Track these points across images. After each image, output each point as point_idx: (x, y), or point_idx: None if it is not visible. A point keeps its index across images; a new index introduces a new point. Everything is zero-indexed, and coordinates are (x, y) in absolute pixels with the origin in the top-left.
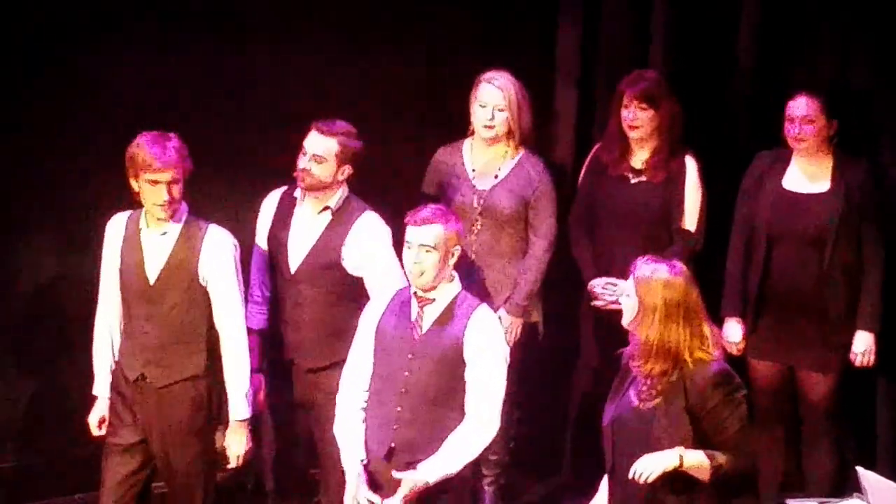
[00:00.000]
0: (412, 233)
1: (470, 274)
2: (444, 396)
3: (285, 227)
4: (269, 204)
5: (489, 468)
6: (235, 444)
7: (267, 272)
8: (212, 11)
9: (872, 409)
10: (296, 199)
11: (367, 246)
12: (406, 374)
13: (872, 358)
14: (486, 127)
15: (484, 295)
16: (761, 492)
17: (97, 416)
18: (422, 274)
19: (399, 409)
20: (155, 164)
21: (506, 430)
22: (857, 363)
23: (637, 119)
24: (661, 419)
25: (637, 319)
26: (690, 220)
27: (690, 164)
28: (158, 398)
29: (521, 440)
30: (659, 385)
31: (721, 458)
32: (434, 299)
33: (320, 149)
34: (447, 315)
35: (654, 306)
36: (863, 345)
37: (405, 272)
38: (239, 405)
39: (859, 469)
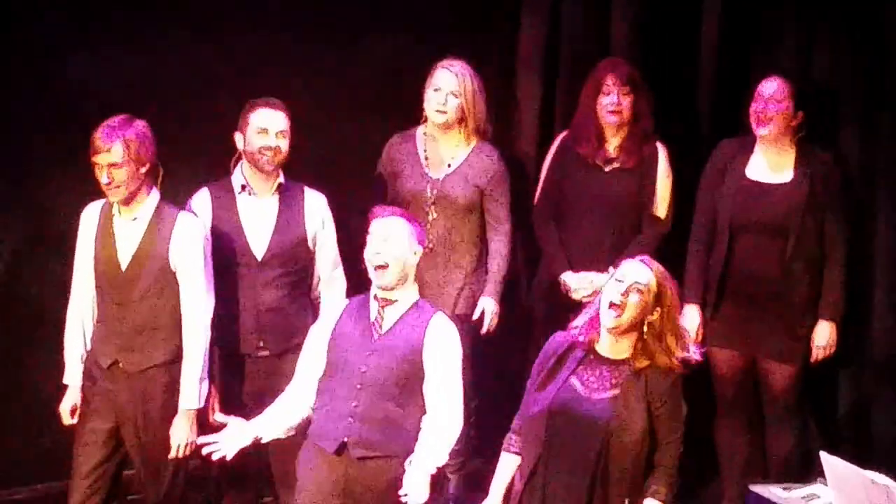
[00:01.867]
0: (376, 225)
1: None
2: (399, 395)
3: (233, 216)
4: (202, 201)
5: (453, 456)
6: (179, 432)
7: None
8: (183, 3)
9: (835, 395)
10: (234, 188)
11: (319, 218)
12: (363, 369)
13: (833, 349)
14: (438, 112)
15: (436, 286)
16: (724, 479)
17: (69, 405)
18: (385, 266)
19: (354, 404)
20: (96, 147)
21: (467, 419)
22: (819, 356)
23: (620, 104)
24: (621, 411)
25: (644, 311)
26: (661, 206)
27: (661, 151)
28: (132, 384)
29: (482, 428)
30: (613, 378)
31: (663, 490)
32: (396, 300)
33: (283, 123)
34: (406, 319)
35: (669, 296)
36: (824, 335)
37: (368, 266)
38: (191, 393)
39: (823, 454)
